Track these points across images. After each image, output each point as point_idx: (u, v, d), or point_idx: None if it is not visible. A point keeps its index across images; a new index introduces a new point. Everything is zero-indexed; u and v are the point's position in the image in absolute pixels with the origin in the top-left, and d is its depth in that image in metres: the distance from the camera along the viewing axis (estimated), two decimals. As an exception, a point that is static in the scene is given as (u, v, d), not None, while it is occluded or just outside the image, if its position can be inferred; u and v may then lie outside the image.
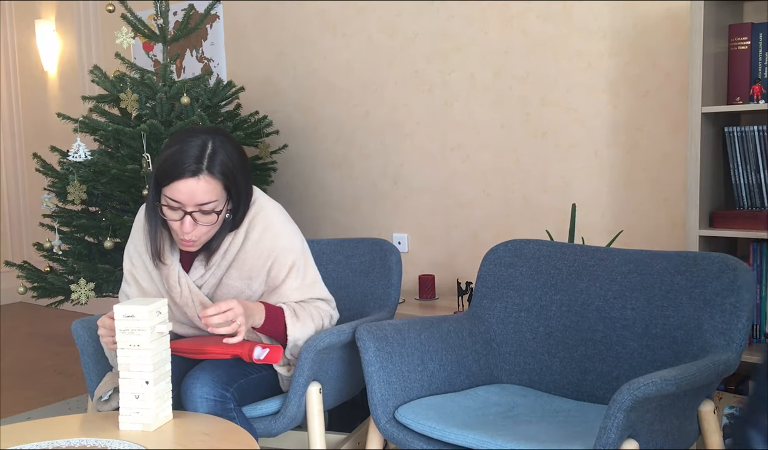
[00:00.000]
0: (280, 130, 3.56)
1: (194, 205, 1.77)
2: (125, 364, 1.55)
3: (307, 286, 1.99)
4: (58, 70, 4.96)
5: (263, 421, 1.94)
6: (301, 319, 1.91)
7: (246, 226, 1.93)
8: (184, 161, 1.75)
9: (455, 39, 3.03)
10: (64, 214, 3.05)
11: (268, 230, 1.93)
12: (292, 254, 1.96)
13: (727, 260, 1.71)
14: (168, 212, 1.79)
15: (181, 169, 1.74)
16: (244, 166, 1.86)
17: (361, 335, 1.91)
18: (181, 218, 1.78)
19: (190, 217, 1.78)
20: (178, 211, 1.78)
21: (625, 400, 1.38)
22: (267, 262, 1.94)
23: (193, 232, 1.80)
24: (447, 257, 3.15)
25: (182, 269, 1.95)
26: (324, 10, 3.43)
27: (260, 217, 1.94)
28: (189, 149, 1.77)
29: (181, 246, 1.86)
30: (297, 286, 1.96)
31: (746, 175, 2.20)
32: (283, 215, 2.01)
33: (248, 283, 1.95)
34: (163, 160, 1.78)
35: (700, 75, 2.15)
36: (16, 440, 1.53)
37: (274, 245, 1.94)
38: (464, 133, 3.06)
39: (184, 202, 1.76)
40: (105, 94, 3.08)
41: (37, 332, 4.56)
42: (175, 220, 1.79)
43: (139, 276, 2.01)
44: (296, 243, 1.99)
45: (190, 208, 1.77)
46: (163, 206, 1.79)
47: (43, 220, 3.16)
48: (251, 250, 1.93)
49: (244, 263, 1.93)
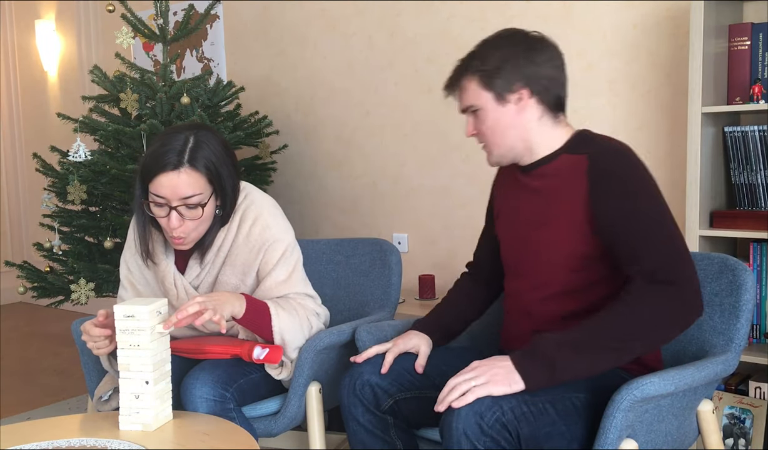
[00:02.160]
0: (280, 130, 3.56)
1: (178, 199, 1.76)
2: (125, 364, 1.55)
3: (294, 281, 1.96)
4: (58, 70, 4.97)
5: (263, 421, 1.94)
6: (287, 310, 1.88)
7: (237, 220, 1.93)
8: (166, 154, 1.75)
9: (455, 39, 3.03)
10: (64, 214, 3.05)
11: (257, 223, 1.93)
12: (281, 246, 1.94)
13: (727, 260, 1.71)
14: (155, 209, 1.80)
15: (163, 162, 1.75)
16: (229, 159, 1.85)
17: (360, 336, 1.91)
18: (167, 214, 1.78)
19: (176, 212, 1.78)
20: (164, 207, 1.78)
21: (623, 399, 1.38)
22: (258, 254, 1.93)
23: (181, 228, 1.80)
24: (447, 257, 3.15)
25: (177, 271, 1.95)
26: (324, 10, 3.43)
27: (250, 211, 1.94)
28: (171, 144, 1.77)
29: (173, 244, 1.86)
30: (283, 279, 1.94)
31: (746, 175, 2.20)
32: (275, 209, 2.00)
33: (242, 279, 1.94)
34: (147, 156, 1.79)
35: (700, 75, 2.15)
36: (16, 440, 1.53)
37: (264, 237, 1.93)
38: (464, 134, 3.05)
39: (168, 197, 1.76)
40: (105, 94, 3.08)
41: (37, 332, 4.56)
42: (161, 216, 1.80)
43: (136, 281, 2.01)
44: (286, 236, 1.97)
45: (175, 202, 1.77)
46: (150, 203, 1.79)
47: (43, 220, 3.16)
48: (243, 244, 1.92)
49: (237, 258, 1.93)
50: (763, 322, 2.16)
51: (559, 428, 1.46)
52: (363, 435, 1.68)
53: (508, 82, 1.61)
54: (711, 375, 1.55)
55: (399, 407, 1.68)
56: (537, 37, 1.65)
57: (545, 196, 1.66)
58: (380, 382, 1.67)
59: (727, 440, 2.15)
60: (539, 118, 1.65)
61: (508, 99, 1.62)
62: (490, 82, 1.62)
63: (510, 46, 1.62)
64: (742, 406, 2.13)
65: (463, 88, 1.67)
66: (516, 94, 1.62)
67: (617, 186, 1.54)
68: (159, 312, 1.57)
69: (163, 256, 1.94)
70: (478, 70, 1.63)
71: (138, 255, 1.97)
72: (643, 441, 1.48)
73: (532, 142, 1.66)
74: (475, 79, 1.64)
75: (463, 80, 1.66)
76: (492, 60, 1.62)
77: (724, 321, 1.67)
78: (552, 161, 1.66)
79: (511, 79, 1.61)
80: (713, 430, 1.68)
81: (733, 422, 2.14)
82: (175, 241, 1.84)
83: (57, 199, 3.07)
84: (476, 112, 1.66)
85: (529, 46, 1.63)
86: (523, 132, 1.65)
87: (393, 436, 1.69)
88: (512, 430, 1.41)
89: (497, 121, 1.64)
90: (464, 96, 1.67)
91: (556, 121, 1.67)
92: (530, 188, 1.70)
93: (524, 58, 1.61)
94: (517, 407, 1.41)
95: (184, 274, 1.95)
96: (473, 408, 1.39)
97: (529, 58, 1.62)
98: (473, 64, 1.64)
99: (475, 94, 1.64)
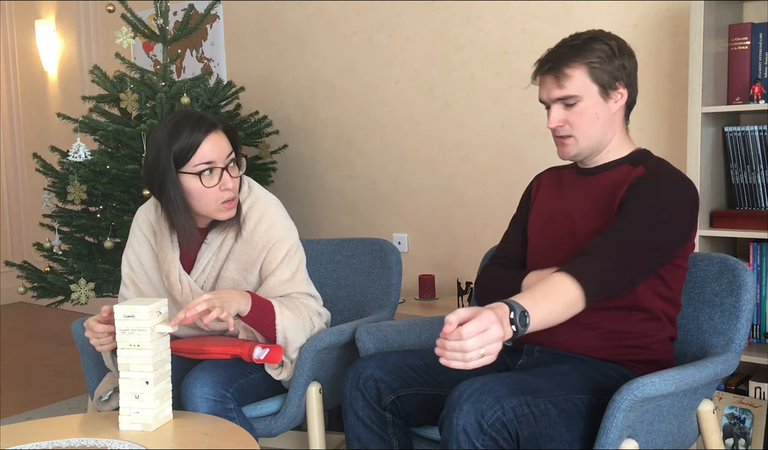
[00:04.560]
0: (280, 130, 3.56)
1: (225, 158, 1.84)
2: (125, 364, 1.55)
3: (298, 281, 1.97)
4: (58, 70, 4.97)
5: (263, 421, 1.94)
6: (291, 310, 1.89)
7: (243, 216, 1.94)
8: (198, 123, 1.81)
9: (455, 39, 3.04)
10: (64, 214, 3.05)
11: (263, 221, 1.94)
12: (285, 245, 1.95)
13: (727, 260, 1.71)
14: (206, 180, 1.82)
15: (203, 129, 1.81)
16: None
17: (360, 336, 1.91)
18: (220, 177, 1.83)
19: (226, 171, 1.84)
20: (215, 172, 1.82)
21: (624, 399, 1.38)
22: (262, 253, 1.94)
23: (233, 188, 1.86)
24: (447, 257, 3.15)
25: (182, 268, 1.95)
26: (324, 10, 3.43)
27: (256, 208, 1.95)
28: (189, 119, 1.82)
29: (221, 213, 1.88)
30: (287, 279, 1.94)
31: (746, 175, 2.20)
32: (280, 208, 2.01)
33: (245, 275, 1.95)
34: (174, 141, 1.80)
35: (700, 75, 2.15)
36: (16, 440, 1.53)
37: (269, 236, 1.94)
38: (464, 133, 3.06)
39: (216, 159, 1.82)
40: (105, 94, 3.08)
41: (37, 332, 4.56)
42: (212, 185, 1.82)
43: (138, 280, 2.01)
44: (290, 236, 1.98)
45: (223, 162, 1.83)
46: (200, 177, 1.81)
47: (43, 220, 3.16)
48: (247, 239, 1.93)
49: (241, 254, 1.94)
50: (763, 322, 2.16)
51: (560, 429, 1.46)
52: (361, 430, 1.69)
53: (614, 78, 1.62)
54: (711, 375, 1.56)
55: (401, 403, 1.68)
56: (623, 40, 1.67)
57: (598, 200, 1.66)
58: (384, 377, 1.67)
59: (727, 440, 2.15)
60: (623, 121, 1.69)
61: (611, 95, 1.63)
62: (599, 74, 1.61)
63: (612, 45, 1.63)
64: (742, 406, 2.13)
65: (566, 75, 1.62)
66: (618, 92, 1.63)
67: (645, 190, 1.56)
68: (159, 312, 1.57)
69: (169, 250, 1.95)
70: (587, 61, 1.61)
71: (144, 255, 1.98)
72: (644, 441, 1.48)
73: (612, 143, 1.69)
74: (582, 69, 1.61)
75: (568, 68, 1.62)
76: (599, 53, 1.61)
77: (724, 321, 1.67)
78: (614, 168, 1.68)
79: (617, 76, 1.62)
80: (713, 430, 1.68)
81: (733, 422, 2.14)
82: (228, 206, 1.87)
83: (57, 199, 3.07)
84: (573, 103, 1.63)
85: (622, 49, 1.64)
86: (612, 131, 1.67)
87: (390, 434, 1.69)
88: (512, 430, 1.40)
89: (596, 115, 1.64)
90: (566, 84, 1.62)
91: (627, 129, 1.71)
92: (586, 191, 1.70)
93: (624, 59, 1.63)
94: (519, 407, 1.41)
95: (189, 272, 1.95)
96: (474, 405, 1.39)
97: (630, 59, 1.65)
98: (582, 54, 1.61)
99: (581, 84, 1.62)
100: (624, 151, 1.69)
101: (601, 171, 1.69)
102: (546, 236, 1.76)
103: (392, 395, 1.68)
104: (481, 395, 1.40)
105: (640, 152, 1.71)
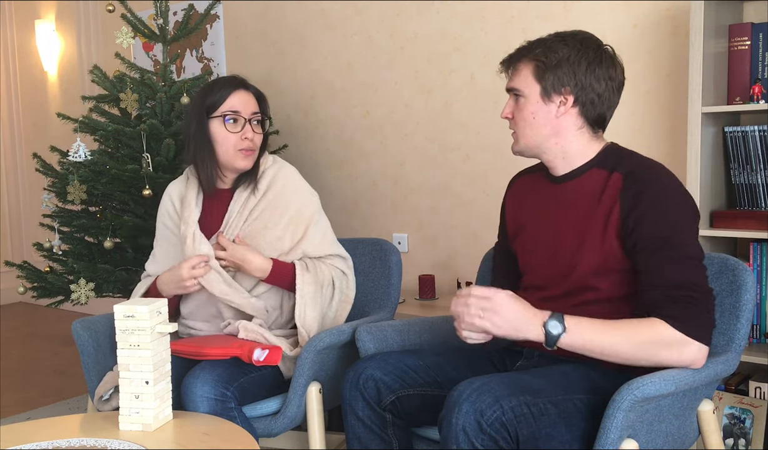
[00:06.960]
0: (280, 130, 3.56)
1: (250, 113, 2.06)
2: (125, 364, 1.55)
3: (328, 243, 2.14)
4: (58, 70, 4.97)
5: (263, 421, 1.94)
6: (311, 271, 2.05)
7: (268, 179, 2.10)
8: (231, 81, 2.08)
9: (455, 39, 3.04)
10: (64, 214, 3.05)
11: (288, 185, 2.12)
12: (310, 209, 2.13)
13: (727, 260, 1.71)
14: (229, 126, 2.03)
15: (234, 83, 2.07)
16: None
17: (360, 336, 1.91)
18: (242, 126, 2.04)
19: (249, 124, 2.05)
20: (239, 121, 2.04)
21: (624, 399, 1.38)
22: (285, 213, 2.08)
23: (253, 140, 2.05)
24: (447, 257, 3.15)
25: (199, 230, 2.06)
26: (324, 10, 3.43)
27: (282, 174, 2.13)
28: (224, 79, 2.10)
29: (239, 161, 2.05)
30: (318, 242, 2.11)
31: (746, 175, 2.20)
32: (303, 179, 2.19)
33: (263, 234, 2.06)
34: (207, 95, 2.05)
35: (700, 75, 2.15)
36: (16, 440, 1.53)
37: (294, 199, 2.11)
38: (464, 133, 3.06)
39: (241, 111, 2.04)
40: (105, 94, 3.08)
41: (37, 332, 4.56)
42: (235, 131, 2.03)
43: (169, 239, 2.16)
44: (314, 200, 2.16)
45: (247, 115, 2.05)
46: (225, 121, 2.03)
47: (43, 220, 3.16)
48: (272, 200, 2.08)
49: (263, 213, 2.07)
50: (763, 322, 2.16)
51: (559, 429, 1.46)
52: (360, 430, 1.69)
53: (559, 82, 1.60)
54: (711, 375, 1.56)
55: (401, 404, 1.68)
56: (609, 51, 1.65)
57: (576, 209, 1.64)
58: (384, 377, 1.67)
59: (727, 440, 2.15)
60: (578, 129, 1.65)
61: (552, 98, 1.62)
62: (543, 75, 1.61)
63: (577, 49, 1.61)
64: (742, 406, 2.13)
65: (517, 69, 1.66)
66: (561, 97, 1.61)
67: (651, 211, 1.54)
68: (159, 312, 1.57)
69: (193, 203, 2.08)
70: (536, 59, 1.62)
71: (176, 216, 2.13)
72: (644, 441, 1.48)
73: (568, 150, 1.66)
74: (530, 66, 1.63)
75: (520, 62, 1.65)
76: (554, 54, 1.60)
77: (724, 321, 1.67)
78: (582, 174, 1.66)
79: (563, 81, 1.60)
80: (713, 430, 1.68)
81: (733, 422, 2.14)
82: (246, 153, 2.05)
83: (57, 199, 3.07)
84: (518, 98, 1.66)
85: (595, 57, 1.61)
86: (557, 136, 1.64)
87: (390, 434, 1.69)
88: (511, 430, 1.40)
89: (534, 115, 1.64)
90: (515, 77, 1.66)
91: (594, 135, 1.67)
92: (561, 200, 1.69)
93: (585, 66, 1.60)
94: (518, 407, 1.41)
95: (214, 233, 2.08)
96: (474, 405, 1.39)
97: (590, 69, 1.60)
98: (535, 51, 1.63)
99: (525, 81, 1.64)
100: (590, 154, 1.67)
101: (572, 177, 1.67)
102: (535, 252, 1.75)
103: (392, 395, 1.68)
104: (480, 395, 1.40)
105: (607, 151, 1.67)
